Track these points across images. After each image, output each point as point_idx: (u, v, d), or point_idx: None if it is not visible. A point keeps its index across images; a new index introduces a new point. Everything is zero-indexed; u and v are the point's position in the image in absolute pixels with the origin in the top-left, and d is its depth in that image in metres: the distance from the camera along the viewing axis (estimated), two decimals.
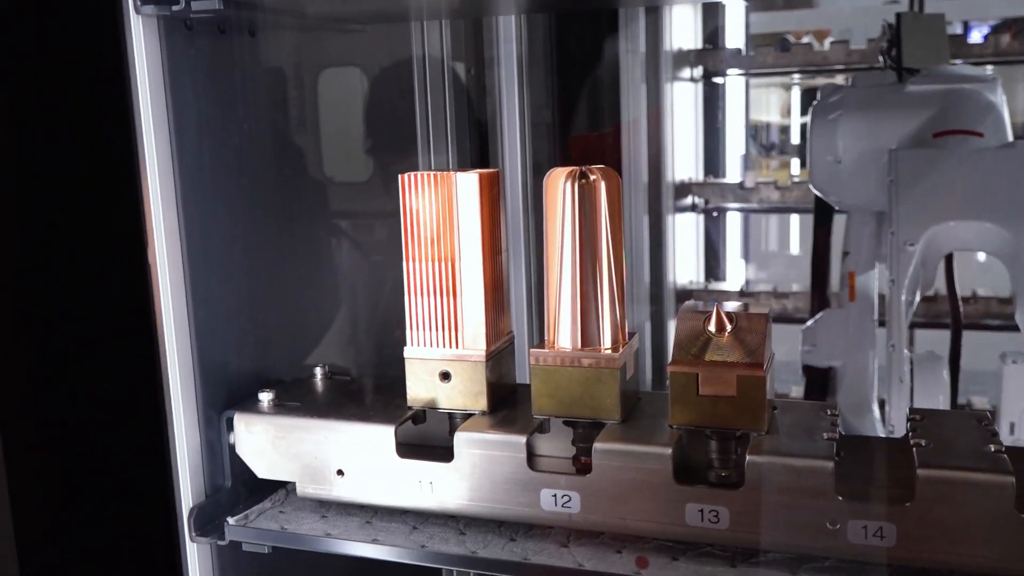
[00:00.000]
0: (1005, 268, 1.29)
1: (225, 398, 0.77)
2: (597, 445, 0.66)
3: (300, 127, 0.95)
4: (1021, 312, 1.24)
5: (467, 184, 0.70)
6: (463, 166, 1.20)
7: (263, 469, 0.74)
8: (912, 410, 0.70)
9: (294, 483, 0.75)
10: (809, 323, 1.72)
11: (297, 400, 0.76)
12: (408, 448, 0.72)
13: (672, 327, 2.18)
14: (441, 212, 0.71)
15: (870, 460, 0.68)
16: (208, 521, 0.73)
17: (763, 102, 3.32)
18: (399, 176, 0.71)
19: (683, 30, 2.29)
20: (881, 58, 1.72)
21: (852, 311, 1.66)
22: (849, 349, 1.66)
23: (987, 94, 1.54)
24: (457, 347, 0.72)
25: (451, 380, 0.73)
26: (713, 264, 2.54)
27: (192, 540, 0.73)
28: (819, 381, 1.70)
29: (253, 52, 0.80)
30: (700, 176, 2.44)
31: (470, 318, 0.72)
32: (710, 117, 2.46)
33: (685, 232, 2.36)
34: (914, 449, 0.63)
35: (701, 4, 2.38)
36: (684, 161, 2.34)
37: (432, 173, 0.71)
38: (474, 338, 0.72)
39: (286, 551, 0.73)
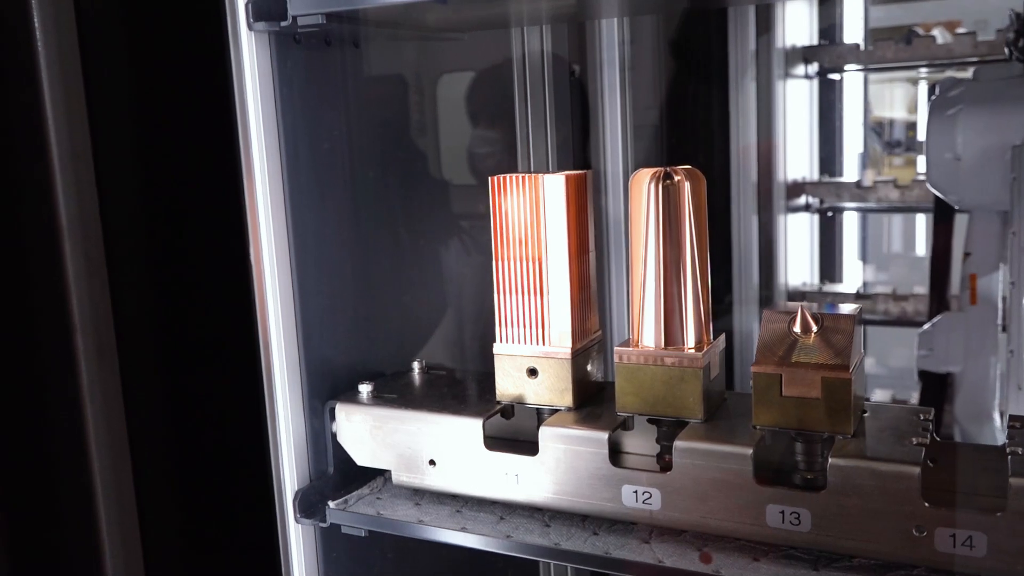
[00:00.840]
0: None
1: (330, 389, 0.81)
2: (678, 443, 0.67)
3: (405, 132, 0.99)
4: None
5: (554, 186, 0.72)
6: (564, 168, 1.22)
7: (362, 457, 0.78)
8: (1013, 417, 0.67)
9: (391, 471, 0.78)
10: (926, 326, 1.65)
11: (395, 392, 0.80)
12: (496, 441, 0.75)
13: None
14: (529, 213, 0.73)
15: (963, 467, 0.66)
16: (311, 505, 0.78)
17: (887, 98, 3.19)
18: (489, 178, 0.74)
19: (798, 26, 2.23)
20: (1007, 49, 1.64)
21: (972, 315, 1.59)
22: (969, 355, 1.59)
23: None
24: (544, 344, 0.74)
25: (538, 376, 0.75)
26: (828, 266, 2.47)
27: (297, 522, 0.78)
28: (936, 387, 1.63)
29: (357, 62, 0.85)
30: (815, 175, 2.37)
31: (556, 316, 0.74)
32: (826, 115, 2.39)
33: (798, 233, 2.31)
34: (1010, 457, 0.61)
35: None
36: (798, 160, 2.29)
37: (520, 175, 0.73)
38: (560, 336, 0.74)
39: (382, 537, 0.77)
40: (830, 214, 2.38)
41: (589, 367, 0.76)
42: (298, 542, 0.78)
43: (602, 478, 0.70)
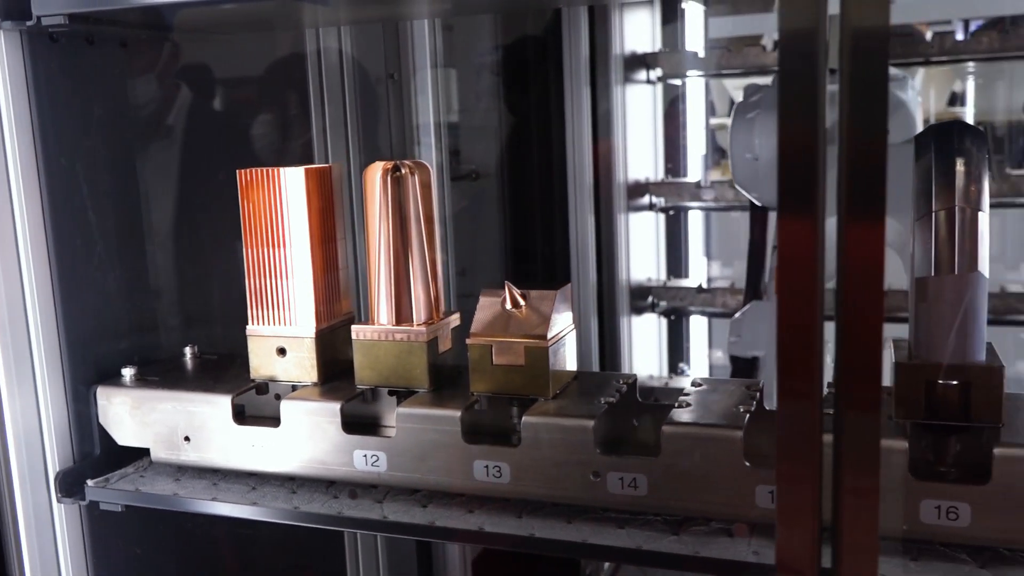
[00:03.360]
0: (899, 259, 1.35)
1: (99, 375, 0.85)
2: (400, 410, 0.74)
3: (176, 128, 1.03)
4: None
5: (294, 179, 0.78)
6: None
7: (123, 437, 0.83)
8: (695, 381, 0.77)
9: (151, 449, 0.83)
10: (737, 315, 1.78)
11: (159, 376, 0.85)
12: (245, 416, 0.80)
13: (623, 322, 2.25)
14: (273, 204, 0.79)
15: (639, 420, 0.75)
16: (71, 485, 0.81)
17: (726, 104, 3.37)
18: (237, 172, 0.80)
19: (639, 33, 2.35)
20: None
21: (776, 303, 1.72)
22: (772, 340, 1.72)
23: (896, 92, 1.60)
24: (291, 325, 0.80)
25: (287, 355, 0.81)
26: (675, 262, 2.60)
27: (59, 502, 0.81)
28: (745, 370, 1.76)
29: (122, 62, 0.89)
30: (658, 176, 2.50)
31: (301, 299, 0.80)
32: (669, 119, 2.52)
33: (645, 231, 2.42)
34: (674, 409, 0.70)
35: (659, 7, 2.45)
36: (643, 162, 2.40)
37: (265, 169, 0.79)
38: (305, 317, 0.80)
39: (159, 518, 0.82)
40: (671, 213, 2.51)
41: (338, 345, 0.83)
42: (61, 523, 0.82)
43: (336, 445, 0.76)
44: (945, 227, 0.65)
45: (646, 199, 2.44)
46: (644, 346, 2.37)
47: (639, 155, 2.38)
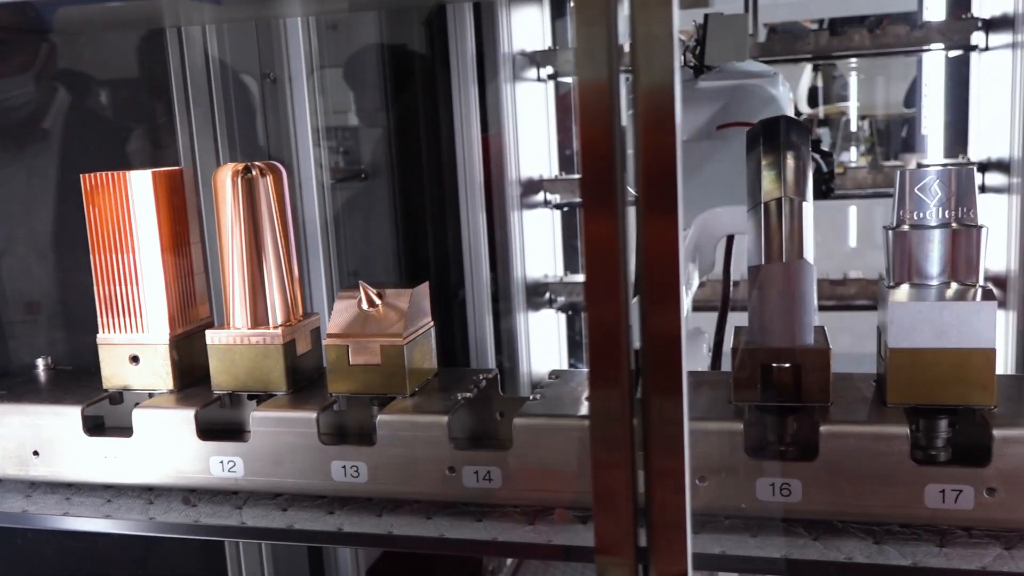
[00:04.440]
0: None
1: None
2: (254, 414, 0.73)
3: (34, 131, 1.00)
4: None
5: (141, 182, 0.77)
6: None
7: None
8: (552, 373, 0.78)
9: None
10: None
11: (8, 389, 0.82)
12: (97, 427, 0.78)
13: (521, 318, 2.27)
14: (119, 209, 0.77)
15: (503, 414, 0.77)
16: None
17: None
18: (81, 177, 0.77)
19: (528, 31, 2.37)
20: (684, 56, 1.83)
21: None
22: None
23: (769, 88, 1.66)
24: (143, 332, 0.79)
25: (139, 363, 0.79)
26: (572, 258, 2.64)
27: None
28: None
29: None
30: (552, 173, 2.53)
31: (152, 306, 0.78)
32: (563, 117, 2.55)
33: (540, 228, 2.45)
34: (528, 402, 0.71)
35: (548, 5, 2.48)
36: (536, 160, 2.43)
37: (109, 173, 0.77)
38: (158, 324, 0.78)
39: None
40: (566, 209, 2.55)
41: (195, 351, 0.81)
42: None
43: (191, 452, 0.75)
44: (774, 217, 0.68)
45: (540, 196, 2.46)
46: (543, 341, 2.40)
47: (532, 153, 2.40)
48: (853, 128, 3.99)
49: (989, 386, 0.63)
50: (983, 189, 2.19)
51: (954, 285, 0.66)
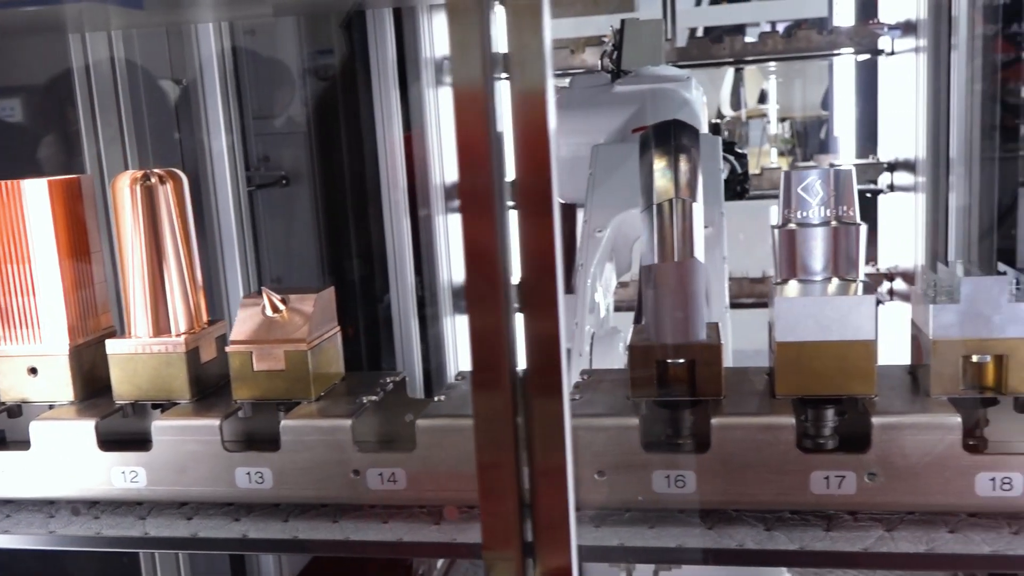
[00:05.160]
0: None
1: None
2: (156, 423, 0.73)
3: None
4: None
5: (36, 191, 0.75)
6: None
7: None
8: (459, 374, 0.79)
9: None
10: None
11: None
12: (5, 441, 0.76)
13: (447, 322, 2.28)
14: (13, 218, 0.76)
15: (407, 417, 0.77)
16: None
17: None
18: None
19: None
20: (601, 60, 1.87)
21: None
22: (571, 333, 1.79)
23: (682, 92, 1.70)
24: (41, 343, 0.77)
25: (38, 374, 0.77)
26: None
27: None
28: None
29: None
30: None
31: (50, 316, 0.77)
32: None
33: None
34: (432, 403, 0.72)
35: None
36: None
37: (3, 183, 0.76)
38: (56, 334, 0.77)
39: None
40: None
41: (96, 361, 0.80)
42: None
43: (93, 463, 0.74)
44: (666, 218, 0.70)
45: (514, 198, 2.47)
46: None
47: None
48: (773, 131, 4.10)
49: (870, 376, 0.66)
50: (892, 188, 2.27)
51: (835, 280, 0.69)
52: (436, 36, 2.27)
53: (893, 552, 0.64)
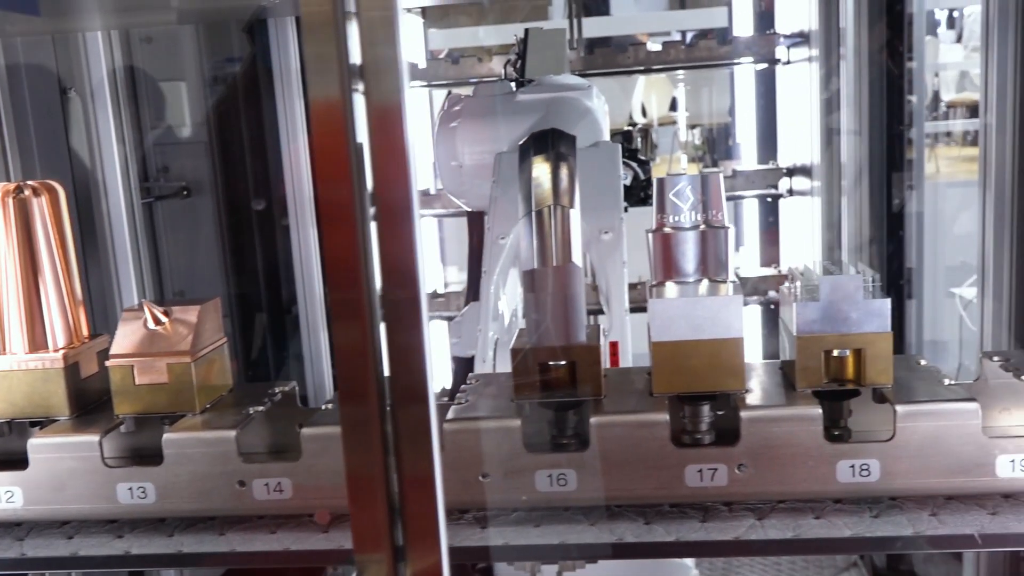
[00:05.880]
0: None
1: None
2: (31, 441, 0.71)
3: None
4: (604, 296, 1.41)
5: None
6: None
7: None
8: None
9: None
10: (457, 317, 1.85)
11: None
12: None
13: (383, 329, 2.26)
14: None
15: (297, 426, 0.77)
16: None
17: None
18: None
19: (356, 45, 2.37)
20: (505, 69, 1.89)
21: None
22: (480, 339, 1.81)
23: (584, 100, 1.73)
24: None
25: None
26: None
27: None
28: (466, 370, 1.84)
29: None
30: None
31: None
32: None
33: (375, 240, 2.44)
34: (319, 412, 0.72)
35: None
36: (369, 172, 2.42)
37: None
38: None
39: None
40: None
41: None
42: None
43: None
44: (546, 224, 0.72)
45: (375, 209, 2.46)
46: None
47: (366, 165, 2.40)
48: (682, 138, 4.20)
49: (739, 372, 0.70)
50: (791, 192, 2.36)
51: (706, 282, 0.72)
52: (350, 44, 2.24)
53: (763, 539, 0.67)
